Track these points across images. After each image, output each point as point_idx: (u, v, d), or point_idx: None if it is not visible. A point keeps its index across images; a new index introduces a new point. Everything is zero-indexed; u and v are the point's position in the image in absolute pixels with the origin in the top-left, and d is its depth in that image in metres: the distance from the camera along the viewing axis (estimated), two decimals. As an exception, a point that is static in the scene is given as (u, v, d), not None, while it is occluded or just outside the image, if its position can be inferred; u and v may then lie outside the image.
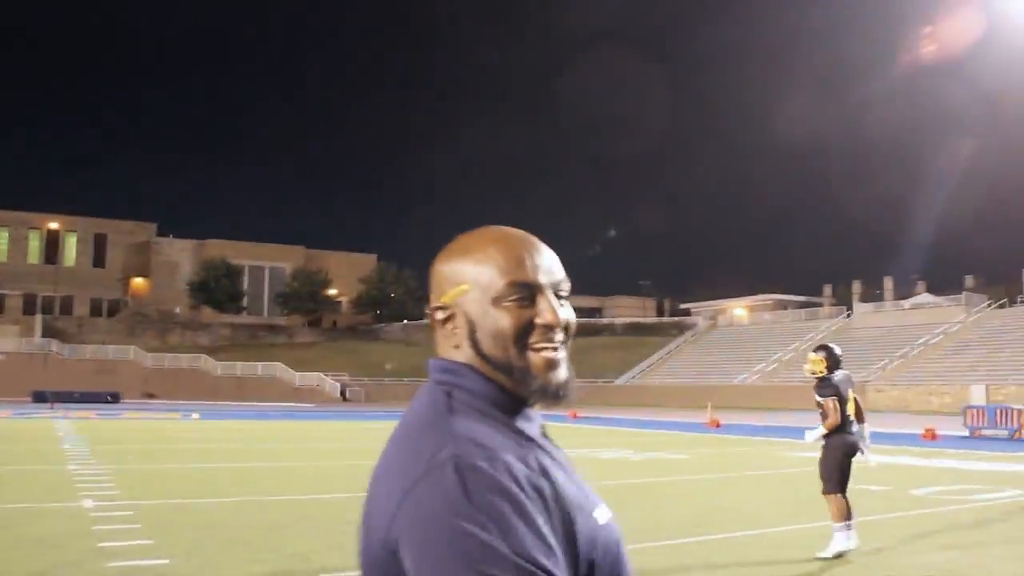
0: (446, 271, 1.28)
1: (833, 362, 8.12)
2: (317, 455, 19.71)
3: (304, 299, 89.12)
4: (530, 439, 1.20)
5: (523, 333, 1.21)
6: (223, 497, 11.94)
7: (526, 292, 1.22)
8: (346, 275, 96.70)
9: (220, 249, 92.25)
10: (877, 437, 8.30)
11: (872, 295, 75.27)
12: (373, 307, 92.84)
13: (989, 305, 60.71)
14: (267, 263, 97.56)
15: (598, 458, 18.49)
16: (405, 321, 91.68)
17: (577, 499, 1.18)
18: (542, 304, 1.22)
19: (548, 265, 1.26)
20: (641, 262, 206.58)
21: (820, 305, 76.66)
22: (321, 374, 67.90)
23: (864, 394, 49.59)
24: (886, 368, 53.23)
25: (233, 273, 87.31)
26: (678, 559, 7.84)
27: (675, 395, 57.62)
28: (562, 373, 1.23)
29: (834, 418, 7.87)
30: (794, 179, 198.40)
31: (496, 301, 1.22)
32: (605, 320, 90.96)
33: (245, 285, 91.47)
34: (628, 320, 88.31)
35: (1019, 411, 25.48)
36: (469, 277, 1.24)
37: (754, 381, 58.47)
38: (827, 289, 79.72)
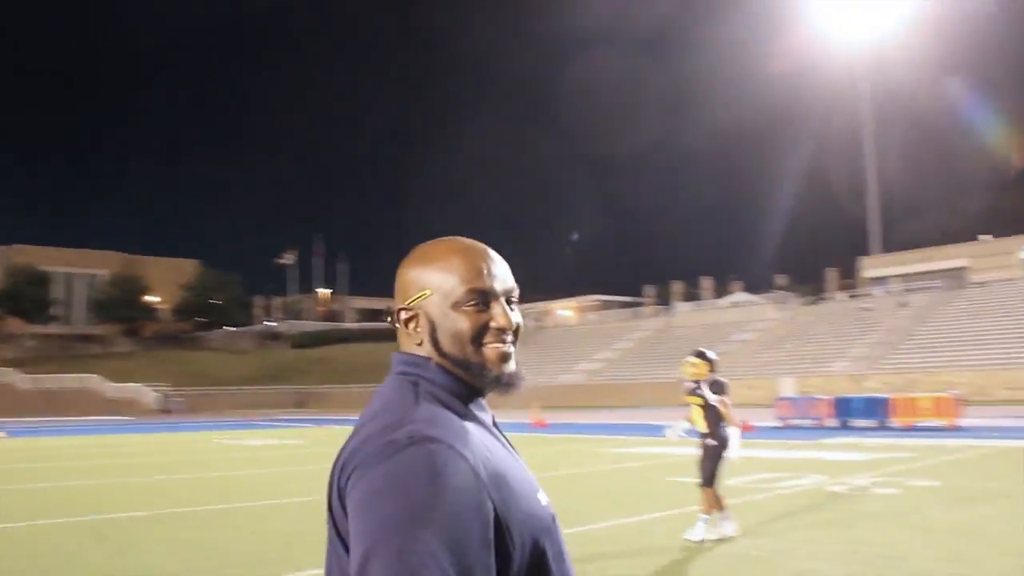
0: (410, 277, 1.45)
1: (712, 366, 8.73)
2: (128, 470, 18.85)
3: (121, 307, 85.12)
4: (482, 424, 1.41)
5: (479, 334, 1.39)
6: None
7: (482, 298, 1.40)
8: (167, 281, 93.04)
9: (28, 255, 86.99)
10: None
11: (691, 294, 78.08)
12: (195, 314, 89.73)
13: (798, 302, 64.13)
14: (81, 269, 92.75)
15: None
16: (229, 328, 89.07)
17: (521, 481, 1.35)
18: (496, 309, 1.41)
19: (502, 274, 1.44)
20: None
21: (642, 305, 78.94)
22: (140, 385, 65.05)
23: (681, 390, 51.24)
24: (705, 363, 55.15)
25: (42, 280, 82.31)
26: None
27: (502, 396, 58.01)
28: (512, 366, 1.43)
29: (729, 414, 8.51)
30: (614, 188, 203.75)
31: (456, 306, 1.40)
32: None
33: (56, 293, 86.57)
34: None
35: (824, 400, 26.96)
36: (432, 283, 1.42)
37: (581, 380, 59.62)
38: (649, 290, 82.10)
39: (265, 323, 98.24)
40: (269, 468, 17.76)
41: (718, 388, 8.64)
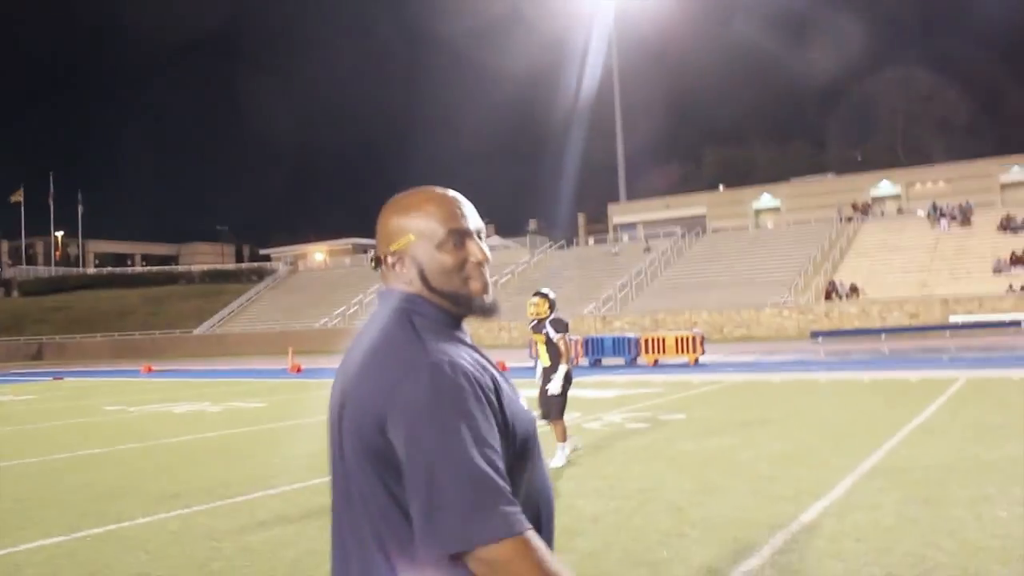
0: (393, 224, 1.68)
1: (552, 305, 9.40)
2: None
3: None
4: (472, 347, 1.65)
5: (461, 268, 1.64)
6: None
7: (459, 238, 1.64)
8: None
9: None
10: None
11: (448, 238, 78.48)
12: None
13: (550, 247, 65.96)
14: None
15: (171, 412, 17.43)
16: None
17: (508, 390, 1.60)
18: (471, 246, 1.66)
19: (471, 215, 1.68)
20: (218, 208, 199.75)
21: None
22: None
23: (442, 333, 51.70)
24: (462, 307, 55.84)
25: None
26: (250, 515, 7.41)
27: (257, 343, 56.50)
28: (492, 294, 1.71)
29: (568, 352, 9.17)
30: (369, 129, 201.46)
31: (440, 246, 1.63)
32: (181, 268, 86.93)
33: None
34: (206, 267, 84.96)
35: (575, 340, 27.77)
36: (414, 228, 1.65)
37: (336, 324, 58.87)
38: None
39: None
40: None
41: (560, 326, 9.22)
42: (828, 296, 43.71)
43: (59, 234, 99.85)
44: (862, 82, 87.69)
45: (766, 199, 67.37)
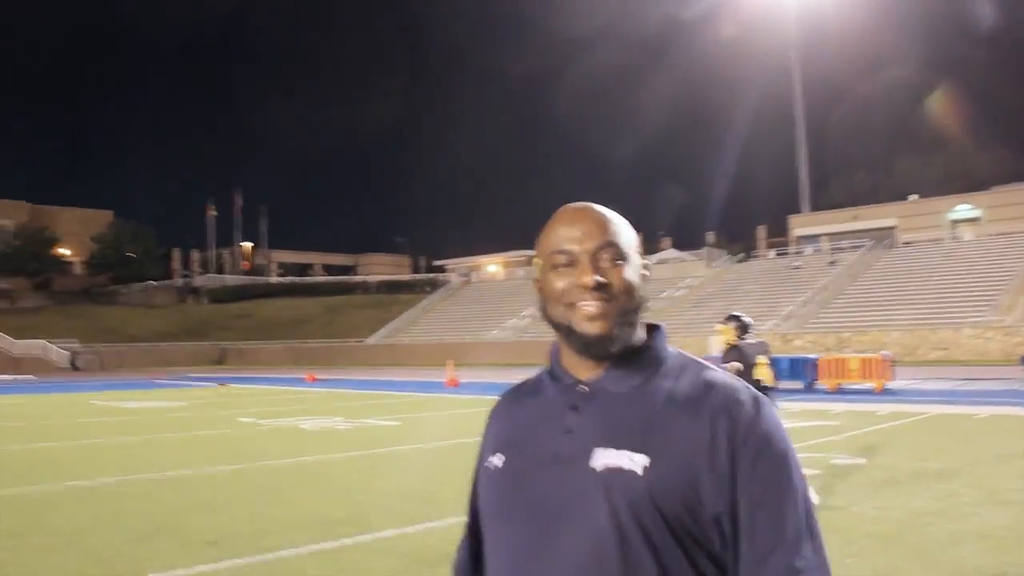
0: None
1: (742, 330, 8.24)
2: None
3: (28, 259, 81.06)
4: (519, 396, 1.59)
5: (564, 294, 1.43)
6: None
7: (566, 258, 1.44)
8: (78, 233, 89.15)
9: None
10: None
11: (621, 251, 76.56)
12: (109, 268, 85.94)
13: (728, 259, 62.94)
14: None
15: (298, 428, 16.36)
16: (147, 283, 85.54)
17: (500, 441, 1.51)
18: (579, 268, 1.43)
19: (585, 233, 1.44)
20: (398, 220, 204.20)
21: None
22: (46, 342, 61.76)
23: (610, 347, 49.82)
24: (632, 321, 53.80)
25: (-57, 232, 78.00)
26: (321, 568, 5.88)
27: (426, 354, 56.16)
28: (596, 325, 1.42)
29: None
30: (543, 139, 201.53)
31: (549, 269, 1.46)
32: (358, 278, 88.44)
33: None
34: (382, 278, 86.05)
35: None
36: (539, 250, 1.51)
37: (505, 337, 57.87)
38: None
39: (183, 277, 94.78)
40: (117, 437, 15.56)
41: (733, 353, 8.07)
42: (1038, 316, 39.29)
43: (247, 244, 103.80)
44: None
45: (964, 209, 62.17)
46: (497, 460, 1.48)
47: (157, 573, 6.08)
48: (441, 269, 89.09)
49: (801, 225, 68.43)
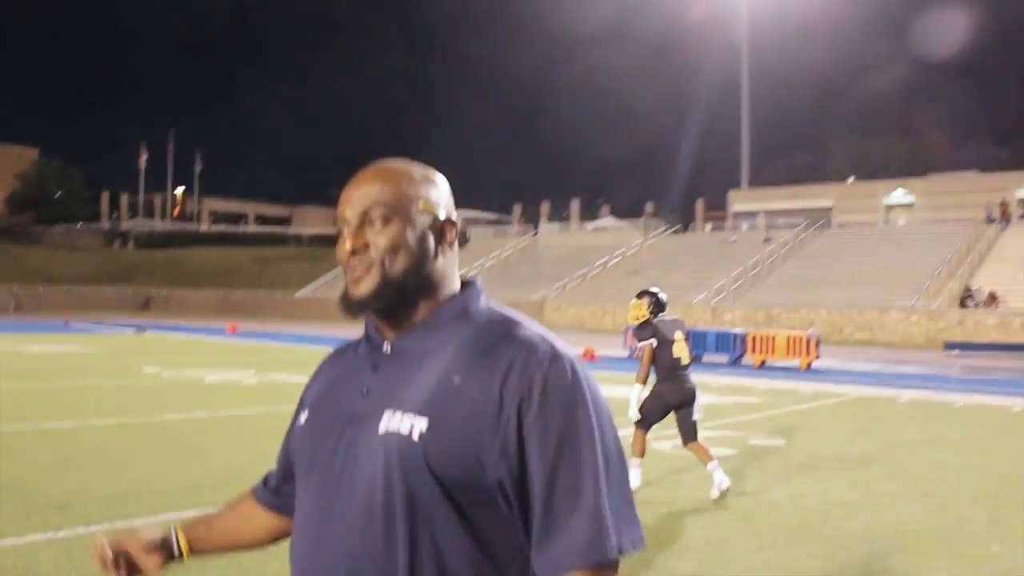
0: None
1: (657, 306, 7.81)
2: None
3: (-55, 194, 78.28)
4: (337, 357, 1.58)
5: (341, 260, 1.44)
6: None
7: (341, 225, 1.45)
8: (1, 170, 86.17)
9: None
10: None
11: (560, 216, 76.21)
12: (32, 207, 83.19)
13: (665, 231, 62.76)
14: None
15: (201, 381, 15.57)
16: (70, 224, 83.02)
17: (311, 399, 1.52)
18: (344, 234, 1.43)
19: (357, 195, 1.43)
20: (333, 172, 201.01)
21: (509, 224, 76.62)
22: (-42, 280, 59.54)
23: (542, 312, 49.70)
24: (566, 287, 53.54)
25: None
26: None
27: (357, 309, 55.30)
28: (350, 290, 1.42)
29: (644, 367, 7.52)
30: (493, 101, 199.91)
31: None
32: (292, 230, 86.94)
33: None
34: (316, 231, 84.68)
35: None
36: None
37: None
38: (517, 209, 79.78)
39: (110, 220, 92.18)
40: (3, 383, 14.64)
41: (647, 330, 7.55)
42: (963, 304, 39.68)
43: (179, 190, 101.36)
44: (1009, 72, 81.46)
45: (899, 194, 62.73)
46: (302, 417, 1.50)
47: (-18, 541, 5.38)
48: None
49: (740, 201, 68.54)
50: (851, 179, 67.95)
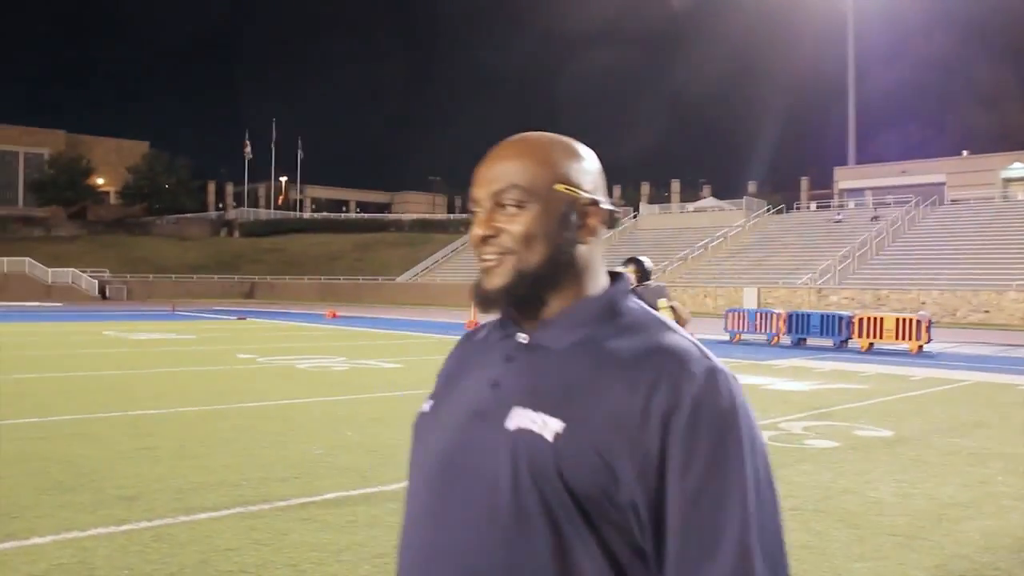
0: None
1: (643, 274, 8.05)
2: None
3: (63, 188, 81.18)
4: (468, 343, 1.44)
5: (473, 245, 1.31)
6: None
7: (474, 206, 1.32)
8: (113, 163, 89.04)
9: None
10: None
11: (660, 197, 75.16)
12: (143, 199, 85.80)
13: (768, 211, 61.22)
14: (20, 148, 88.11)
15: (294, 367, 15.55)
16: (179, 215, 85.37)
17: (437, 386, 1.40)
18: (476, 218, 1.31)
19: (490, 175, 1.29)
20: (434, 159, 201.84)
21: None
22: (76, 270, 61.67)
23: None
24: (667, 269, 52.68)
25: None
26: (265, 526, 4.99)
27: (456, 294, 55.19)
28: (484, 281, 1.30)
29: None
30: (584, 85, 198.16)
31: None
32: (391, 216, 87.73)
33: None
34: (415, 216, 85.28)
35: (778, 315, 24.26)
36: None
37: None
38: (616, 191, 79.01)
39: (217, 210, 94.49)
40: (101, 370, 14.84)
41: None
42: (1088, 281, 37.60)
43: (282, 179, 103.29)
44: None
45: (1017, 168, 59.93)
46: (427, 406, 1.39)
47: (42, 536, 5.23)
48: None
49: (846, 178, 66.53)
50: (965, 153, 65.13)
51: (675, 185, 75.02)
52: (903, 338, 21.48)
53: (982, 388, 14.23)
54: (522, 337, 1.31)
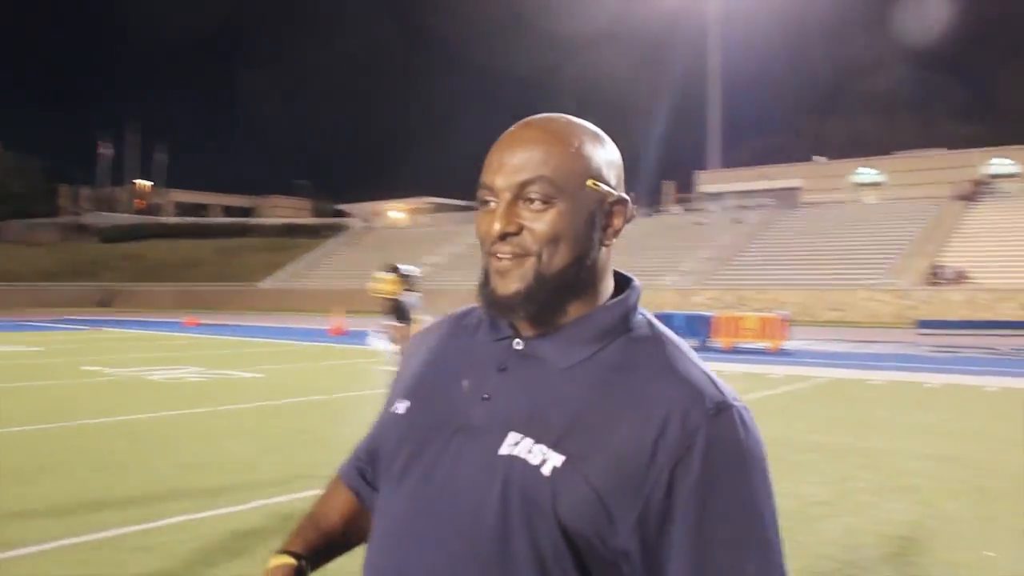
0: None
1: (405, 283, 7.62)
2: None
3: (-101, 189, 76.34)
4: (456, 329, 1.30)
5: (483, 239, 1.18)
6: None
7: (488, 194, 1.17)
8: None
9: None
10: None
11: (528, 201, 75.53)
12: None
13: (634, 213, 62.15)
14: None
15: (144, 380, 14.79)
16: (30, 219, 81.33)
17: (410, 382, 1.27)
18: (491, 209, 1.17)
19: (514, 162, 1.15)
20: (300, 162, 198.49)
21: (477, 209, 75.69)
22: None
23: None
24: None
25: None
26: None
27: (323, 299, 54.18)
28: (495, 284, 1.16)
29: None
30: (453, 88, 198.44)
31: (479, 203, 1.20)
32: (256, 220, 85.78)
33: None
34: (281, 221, 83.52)
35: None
36: None
37: (405, 285, 56.42)
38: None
39: (71, 214, 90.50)
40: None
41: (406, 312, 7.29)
42: (931, 281, 39.43)
43: (142, 182, 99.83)
44: (973, 52, 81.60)
45: (867, 173, 62.60)
46: (401, 407, 1.25)
47: None
48: (343, 214, 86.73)
49: (708, 182, 68.19)
50: (820, 158, 67.69)
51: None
52: (763, 336, 21.99)
53: (838, 384, 14.62)
54: (518, 343, 1.19)
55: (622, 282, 1.27)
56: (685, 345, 1.20)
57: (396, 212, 79.72)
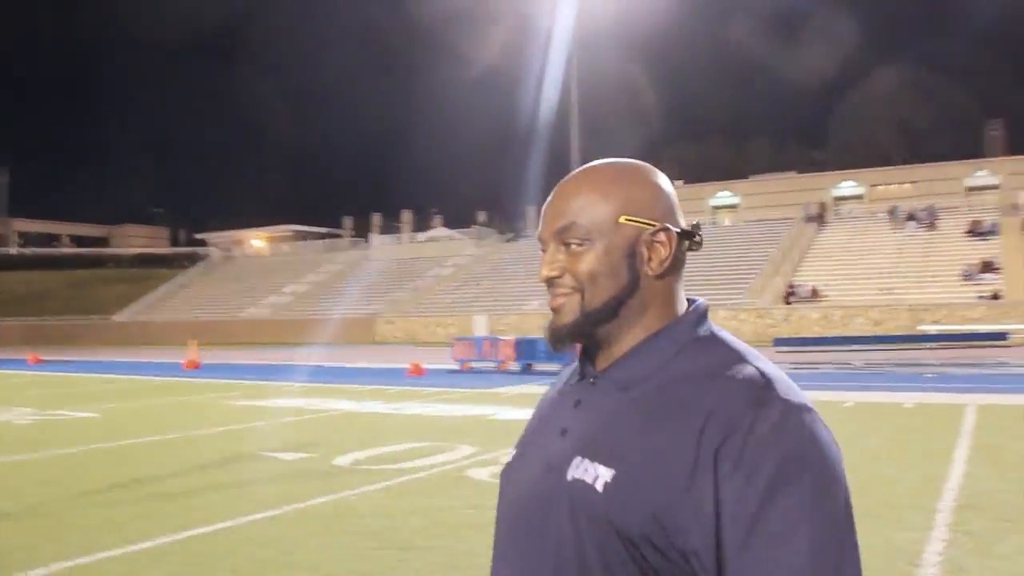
0: None
1: None
2: None
3: None
4: (560, 382, 1.37)
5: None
6: None
7: (543, 246, 1.29)
8: None
9: None
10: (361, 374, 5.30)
11: (391, 228, 74.82)
12: None
13: (498, 239, 62.27)
14: None
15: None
16: None
17: (525, 432, 1.35)
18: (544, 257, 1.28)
19: (551, 212, 1.28)
20: (156, 188, 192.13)
21: (340, 236, 74.70)
22: None
23: (373, 326, 48.37)
24: (397, 301, 52.23)
25: None
26: None
27: (179, 332, 52.09)
28: (555, 320, 1.26)
29: None
30: (316, 117, 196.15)
31: None
32: (110, 251, 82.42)
33: None
34: (136, 251, 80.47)
35: (506, 341, 24.23)
36: None
37: (263, 315, 54.89)
38: (348, 221, 77.88)
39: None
40: None
41: None
42: (787, 300, 40.59)
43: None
44: (825, 82, 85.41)
45: (724, 196, 64.42)
46: (512, 456, 1.35)
47: None
48: (202, 243, 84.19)
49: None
50: (678, 182, 69.31)
51: (406, 215, 74.81)
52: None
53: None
54: (591, 379, 1.26)
55: (690, 305, 1.30)
56: (747, 348, 1.22)
57: (257, 241, 77.85)
